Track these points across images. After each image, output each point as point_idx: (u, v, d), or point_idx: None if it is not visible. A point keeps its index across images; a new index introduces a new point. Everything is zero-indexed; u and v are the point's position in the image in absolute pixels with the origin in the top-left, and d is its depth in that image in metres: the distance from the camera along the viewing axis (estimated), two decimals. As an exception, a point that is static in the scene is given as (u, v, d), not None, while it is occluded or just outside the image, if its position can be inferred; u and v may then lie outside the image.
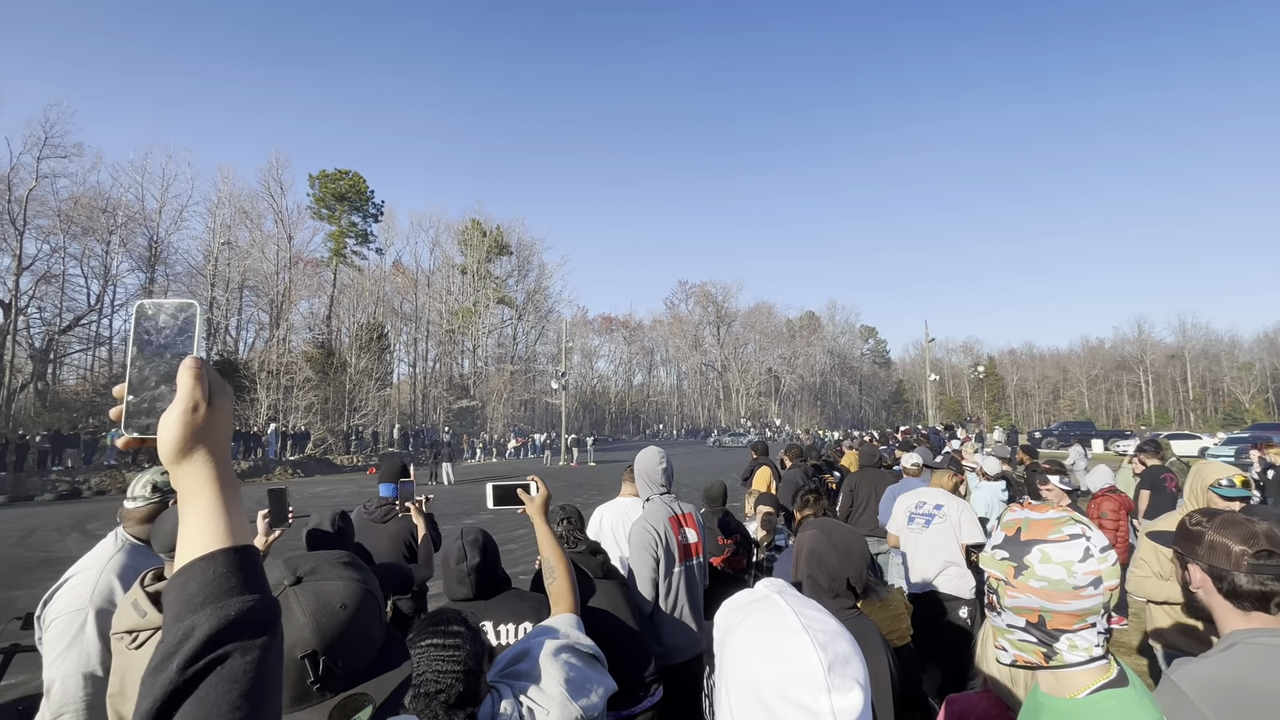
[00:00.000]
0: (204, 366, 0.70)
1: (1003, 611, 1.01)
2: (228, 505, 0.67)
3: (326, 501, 17.08)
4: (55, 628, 1.81)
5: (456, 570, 1.96)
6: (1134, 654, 5.04)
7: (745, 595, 0.86)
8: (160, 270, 38.03)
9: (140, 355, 0.71)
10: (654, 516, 2.83)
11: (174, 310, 0.72)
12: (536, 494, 1.85)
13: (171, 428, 0.66)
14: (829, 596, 1.69)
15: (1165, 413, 71.37)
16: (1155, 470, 6.77)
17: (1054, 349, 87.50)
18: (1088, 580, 0.93)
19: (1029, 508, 1.05)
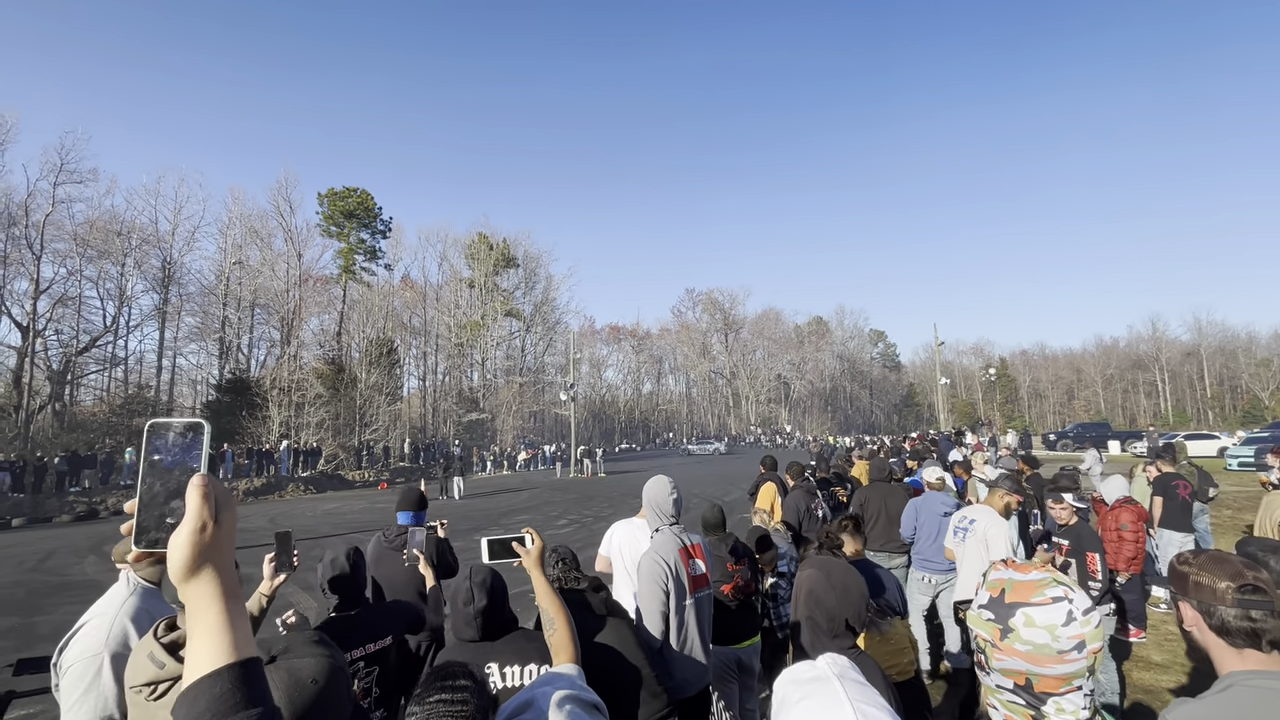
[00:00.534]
0: (211, 484, 0.73)
1: (991, 672, 1.03)
2: (232, 620, 0.71)
3: (339, 519, 17.18)
4: (72, 674, 1.86)
5: (464, 612, 1.98)
6: (1154, 669, 4.98)
7: (806, 670, 0.87)
8: (174, 290, 38.62)
9: (150, 472, 0.74)
10: (664, 549, 2.81)
11: (182, 429, 0.77)
12: (532, 546, 1.86)
13: (181, 548, 0.70)
14: (828, 637, 1.70)
15: (1183, 411, 70.31)
16: (1168, 477, 6.71)
17: (1067, 349, 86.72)
18: (1071, 645, 0.95)
19: (1012, 567, 1.07)
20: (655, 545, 2.88)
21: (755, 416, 73.63)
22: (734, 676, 3.53)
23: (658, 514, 2.97)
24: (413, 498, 3.83)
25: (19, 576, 10.98)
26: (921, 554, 5.10)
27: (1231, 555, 1.46)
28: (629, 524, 4.03)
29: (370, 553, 3.61)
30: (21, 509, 21.19)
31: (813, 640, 1.72)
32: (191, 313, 39.87)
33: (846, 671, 0.83)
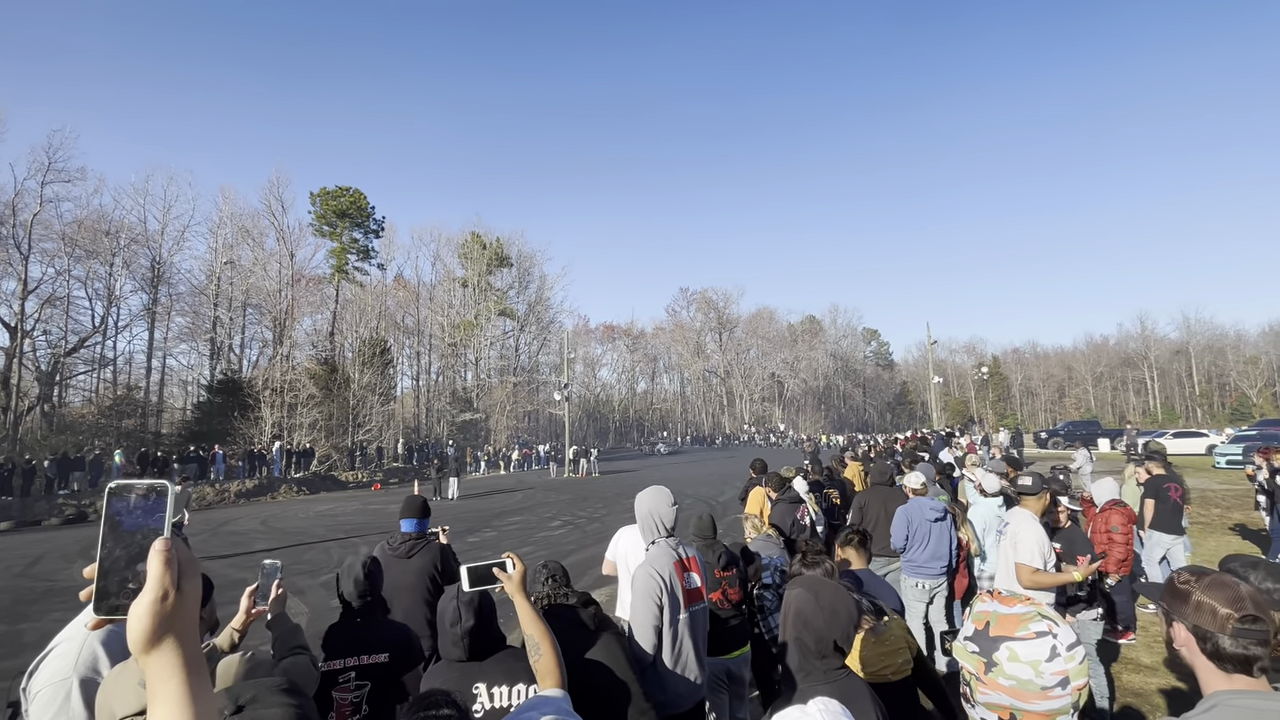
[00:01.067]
0: (174, 549, 0.70)
1: (976, 705, 1.02)
2: (194, 693, 0.69)
3: (333, 522, 17.09)
4: (40, 699, 1.82)
5: (451, 632, 1.96)
6: (1144, 671, 5.02)
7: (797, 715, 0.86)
8: (164, 290, 38.32)
9: (111, 535, 0.71)
10: (659, 562, 2.77)
11: (145, 490, 0.73)
12: (513, 570, 1.85)
13: (141, 619, 0.66)
14: (816, 658, 1.70)
15: (1171, 409, 70.96)
16: (1160, 479, 6.75)
17: (1058, 347, 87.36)
18: (1055, 680, 0.94)
19: (997, 599, 1.07)
20: (650, 559, 2.83)
21: (749, 415, 73.81)
22: (724, 686, 3.53)
23: (656, 526, 2.89)
24: (416, 505, 3.89)
25: (5, 582, 10.85)
26: (914, 561, 5.11)
27: (1230, 578, 1.45)
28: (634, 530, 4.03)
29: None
30: (9, 512, 20.96)
31: (800, 662, 1.72)
32: (182, 313, 39.60)
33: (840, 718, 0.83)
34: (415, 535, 3.78)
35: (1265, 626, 1.38)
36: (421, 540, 3.77)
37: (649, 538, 2.94)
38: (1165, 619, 1.58)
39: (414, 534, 3.78)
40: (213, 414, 32.94)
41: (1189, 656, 1.50)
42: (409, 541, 3.74)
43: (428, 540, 3.81)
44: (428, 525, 3.91)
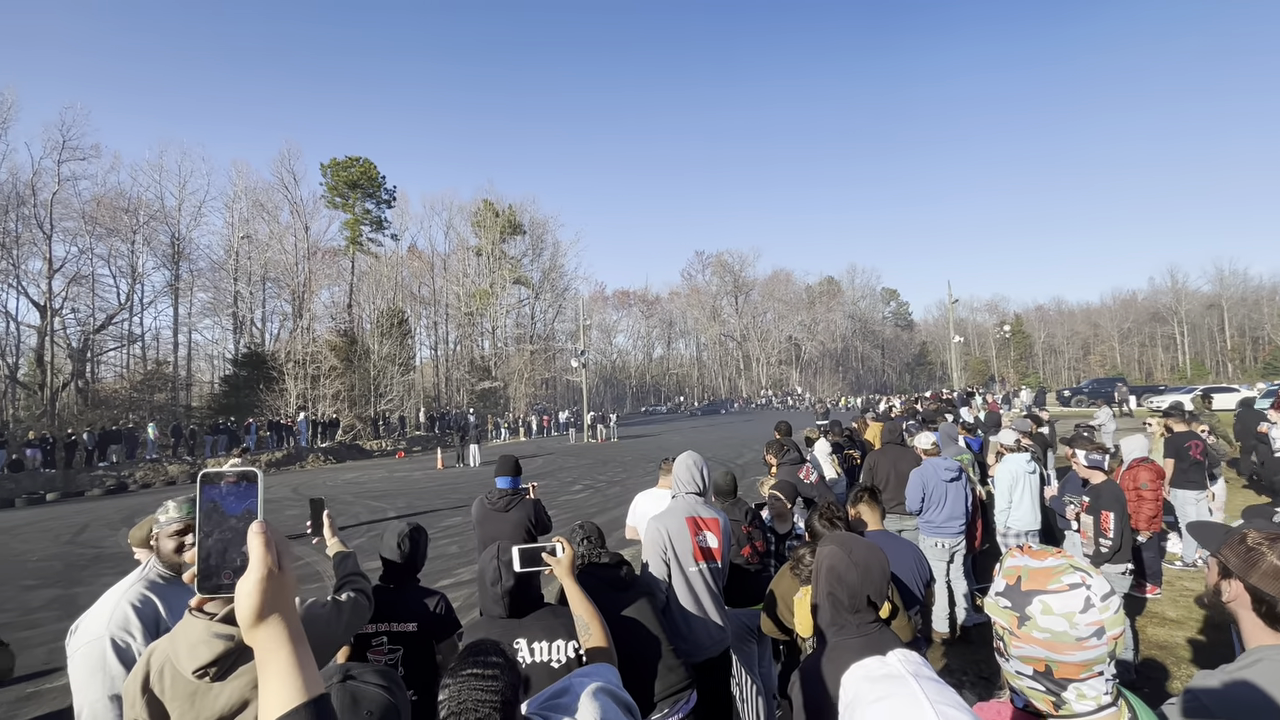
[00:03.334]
0: (271, 532, 0.75)
1: (1010, 659, 1.04)
2: (301, 661, 0.74)
3: (360, 488, 17.58)
4: (78, 657, 1.93)
5: (492, 591, 2.03)
6: (1169, 624, 5.04)
7: (878, 667, 0.86)
8: (184, 266, 38.84)
9: (207, 520, 0.77)
10: (669, 517, 2.93)
11: (235, 477, 0.79)
12: (562, 554, 1.89)
13: (250, 595, 0.72)
14: (849, 613, 1.72)
15: (1201, 364, 69.25)
16: (1181, 437, 6.64)
17: (1084, 303, 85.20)
18: (1090, 631, 0.95)
19: (1028, 553, 1.06)
20: (664, 512, 3.00)
21: (766, 379, 73.63)
22: (753, 638, 3.62)
23: (678, 483, 3.11)
24: (509, 464, 4.25)
25: (56, 549, 11.42)
26: (932, 522, 5.12)
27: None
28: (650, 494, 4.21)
29: (475, 513, 4.17)
30: (54, 484, 21.89)
31: (833, 617, 1.74)
32: (203, 288, 40.17)
33: (921, 669, 0.83)
34: (510, 491, 4.14)
35: None
36: (516, 495, 4.12)
37: (674, 492, 3.13)
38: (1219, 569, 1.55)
39: (509, 490, 4.14)
40: (239, 387, 33.73)
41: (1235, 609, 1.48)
42: (505, 497, 4.09)
43: (521, 495, 4.16)
44: (520, 482, 4.26)
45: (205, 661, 1.68)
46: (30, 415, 29.71)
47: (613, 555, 2.55)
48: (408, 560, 2.57)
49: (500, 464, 4.28)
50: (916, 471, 5.21)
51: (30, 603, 7.83)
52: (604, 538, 2.69)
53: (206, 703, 1.68)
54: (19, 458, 23.37)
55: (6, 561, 10.59)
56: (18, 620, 7.08)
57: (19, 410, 30.46)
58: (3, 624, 6.89)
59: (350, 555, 2.43)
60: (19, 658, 5.74)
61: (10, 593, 8.39)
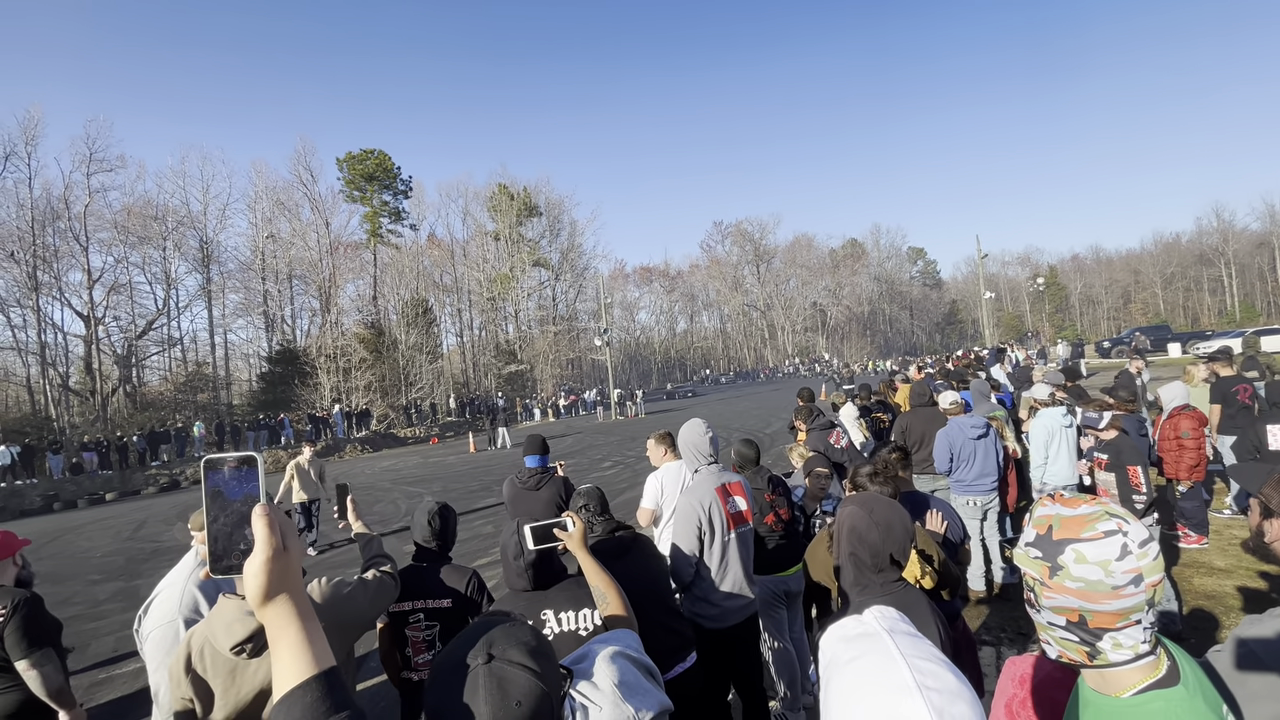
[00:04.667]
0: (275, 513, 0.77)
1: (1042, 610, 0.99)
2: (310, 636, 0.77)
3: (397, 475, 18.06)
4: (153, 639, 2.03)
5: (515, 565, 2.05)
6: (1217, 573, 4.90)
7: (854, 626, 0.84)
8: (215, 269, 39.88)
9: (214, 505, 0.79)
10: (700, 490, 2.89)
11: (236, 462, 0.81)
12: (574, 528, 1.90)
13: (257, 576, 0.74)
14: (872, 572, 1.70)
15: (1251, 306, 66.11)
16: (1228, 381, 6.35)
17: (1123, 250, 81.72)
18: (1127, 579, 0.90)
19: (1060, 502, 1.01)
20: (693, 486, 2.96)
21: (792, 347, 72.84)
22: (781, 604, 3.62)
23: (695, 455, 3.04)
24: (537, 444, 4.32)
25: (117, 545, 12.04)
26: (963, 480, 5.03)
27: None
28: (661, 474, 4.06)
29: (506, 492, 4.27)
30: (111, 484, 23.00)
31: (856, 577, 1.72)
32: (234, 289, 41.26)
33: (897, 625, 0.80)
34: (540, 469, 4.22)
35: None
36: (546, 474, 4.21)
37: (692, 467, 3.06)
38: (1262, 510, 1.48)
39: (538, 468, 4.22)
40: (275, 383, 34.74)
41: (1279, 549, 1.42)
42: (535, 475, 4.19)
43: (550, 473, 4.24)
44: (548, 460, 4.34)
45: (241, 639, 1.75)
46: (84, 421, 31.15)
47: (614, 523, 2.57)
48: (439, 538, 2.62)
49: (528, 443, 4.35)
50: (943, 431, 5.11)
51: (97, 595, 8.29)
52: (606, 503, 2.70)
53: (246, 677, 1.75)
54: (78, 461, 24.59)
55: (73, 558, 11.22)
56: (86, 612, 7.51)
57: (73, 416, 31.94)
58: (74, 615, 7.32)
59: (375, 538, 2.50)
60: (90, 646, 6.12)
61: (78, 587, 8.89)
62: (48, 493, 21.66)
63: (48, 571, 10.04)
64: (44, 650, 2.30)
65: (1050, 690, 1.34)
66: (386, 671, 2.55)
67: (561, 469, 4.49)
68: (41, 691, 2.28)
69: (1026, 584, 1.02)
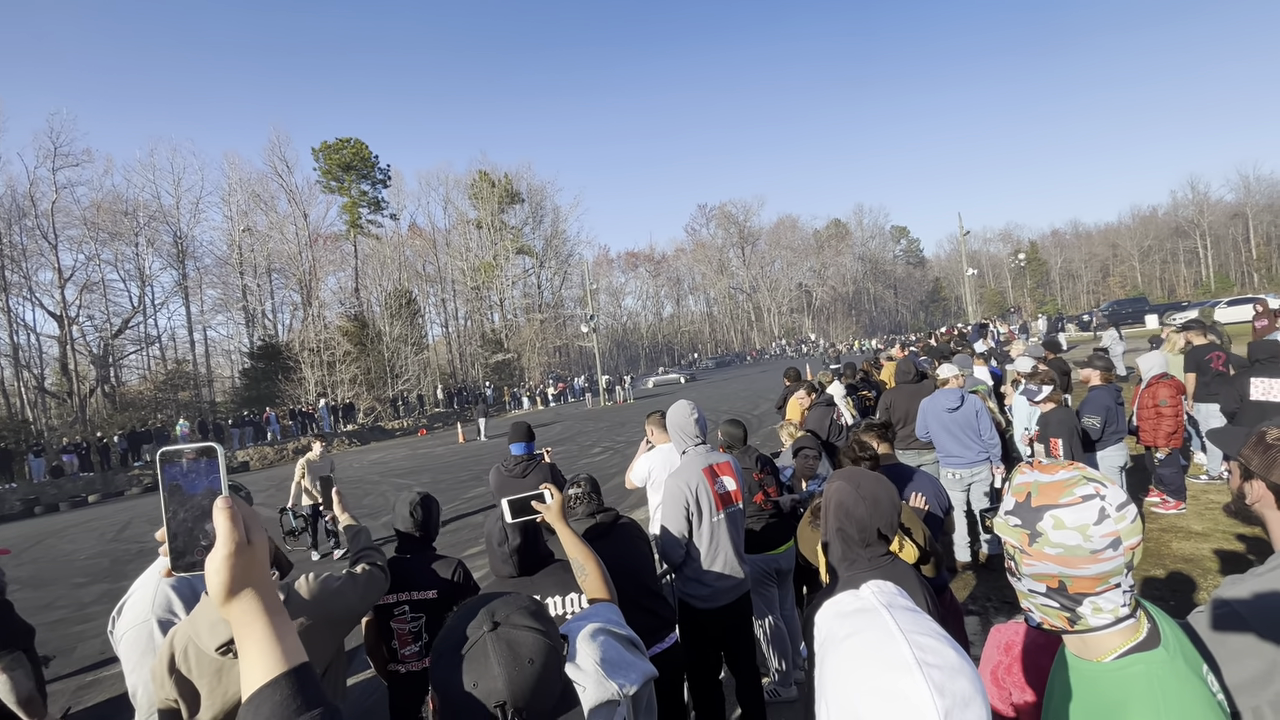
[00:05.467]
0: (237, 506, 0.74)
1: (1022, 578, 0.99)
2: (279, 632, 0.74)
3: (385, 467, 17.95)
4: (128, 640, 1.99)
5: (500, 552, 2.04)
6: (1194, 537, 5.01)
7: (850, 602, 0.82)
8: (190, 265, 39.05)
9: (173, 499, 0.76)
10: (688, 471, 2.88)
11: (195, 454, 0.77)
12: (551, 500, 1.88)
13: (219, 572, 0.71)
14: (860, 547, 1.69)
15: (1226, 277, 67.33)
16: (1201, 350, 6.46)
17: (1102, 224, 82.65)
18: (1105, 543, 0.89)
19: (1038, 468, 1.00)
20: (680, 468, 2.95)
21: (779, 328, 73.14)
22: (772, 581, 3.65)
23: (683, 437, 3.03)
24: (523, 430, 4.28)
25: (102, 547, 11.87)
26: (944, 450, 5.10)
27: None
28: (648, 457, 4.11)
29: (493, 481, 4.19)
30: (94, 486, 22.65)
31: (844, 552, 1.71)
32: (211, 285, 40.47)
33: (895, 600, 0.78)
34: (526, 456, 4.17)
35: None
36: (532, 461, 4.18)
37: (680, 448, 3.04)
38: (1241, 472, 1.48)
39: (525, 455, 4.17)
40: (258, 379, 34.30)
41: (1261, 510, 1.42)
42: (522, 462, 4.14)
43: (537, 461, 4.20)
44: (534, 447, 4.29)
45: (227, 638, 1.71)
46: (63, 423, 30.57)
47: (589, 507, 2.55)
48: (421, 528, 2.58)
49: (514, 430, 4.31)
50: (923, 404, 5.19)
51: (82, 598, 8.18)
52: (598, 488, 2.69)
53: (232, 677, 1.72)
54: (58, 464, 24.14)
55: (57, 562, 11.05)
56: (72, 615, 7.41)
57: (51, 419, 31.32)
58: (59, 619, 7.22)
59: (363, 530, 2.46)
60: (77, 650, 6.04)
61: (63, 590, 8.77)
62: (28, 496, 21.28)
63: (30, 576, 9.89)
64: (14, 655, 2.24)
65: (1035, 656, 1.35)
66: (373, 665, 2.53)
67: (549, 455, 4.46)
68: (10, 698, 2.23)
69: (1007, 552, 1.01)
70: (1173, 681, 0.90)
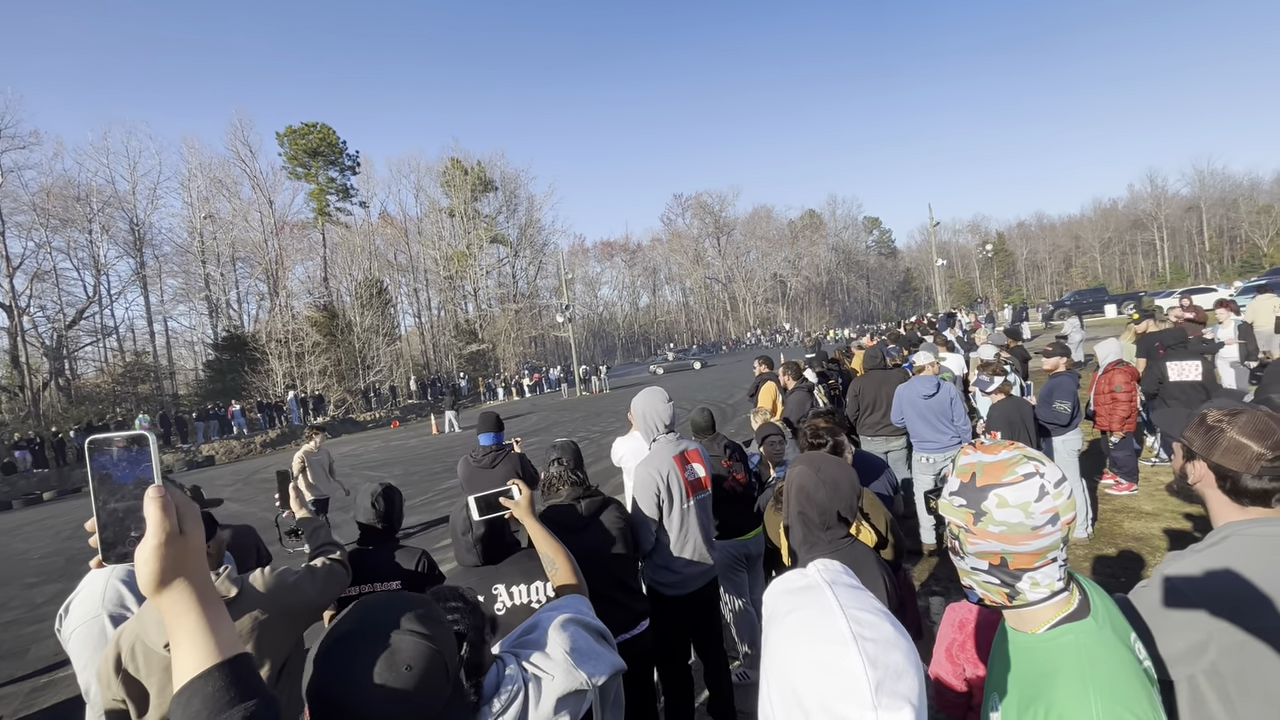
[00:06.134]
0: (169, 495, 0.72)
1: (966, 556, 1.02)
2: (213, 623, 0.72)
3: (357, 460, 17.65)
4: (78, 637, 1.94)
5: (464, 540, 2.02)
6: (1145, 517, 5.22)
7: (797, 579, 0.83)
8: (149, 253, 37.64)
9: (102, 489, 0.74)
10: (658, 459, 2.88)
11: (126, 442, 0.76)
12: (520, 496, 1.86)
13: (149, 562, 0.69)
14: (821, 530, 1.72)
15: (1181, 268, 69.89)
16: (1152, 337, 6.71)
17: (1065, 216, 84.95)
18: (1045, 519, 0.93)
19: (981, 449, 1.03)
20: (650, 456, 2.94)
21: (754, 318, 73.69)
22: (742, 566, 3.70)
23: (654, 425, 3.00)
24: (491, 420, 4.23)
25: (57, 545, 11.47)
26: (917, 435, 5.20)
27: (1263, 417, 1.38)
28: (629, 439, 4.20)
29: (461, 472, 4.11)
30: (49, 483, 21.83)
31: (805, 535, 1.74)
32: (172, 274, 39.09)
33: (839, 577, 0.79)
34: (495, 447, 4.11)
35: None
36: (501, 451, 4.11)
37: (650, 437, 3.03)
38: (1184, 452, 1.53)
39: (493, 445, 4.11)
40: (223, 371, 33.36)
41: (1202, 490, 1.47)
42: (491, 453, 4.07)
43: (506, 450, 4.14)
44: (503, 437, 4.24)
45: None
46: (14, 418, 29.32)
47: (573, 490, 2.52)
48: (384, 519, 2.54)
49: (482, 421, 4.25)
50: (898, 390, 5.27)
51: (35, 599, 7.90)
52: (580, 459, 2.63)
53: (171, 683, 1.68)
54: (10, 460, 23.19)
55: (9, 561, 10.65)
56: (25, 616, 7.15)
57: (3, 413, 30.03)
58: (11, 620, 6.96)
59: (323, 525, 2.41)
60: (30, 651, 5.84)
61: (14, 591, 8.45)
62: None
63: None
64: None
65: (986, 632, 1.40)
66: None
67: (518, 446, 4.42)
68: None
69: (951, 532, 1.03)
70: (1099, 650, 0.93)
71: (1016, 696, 0.97)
